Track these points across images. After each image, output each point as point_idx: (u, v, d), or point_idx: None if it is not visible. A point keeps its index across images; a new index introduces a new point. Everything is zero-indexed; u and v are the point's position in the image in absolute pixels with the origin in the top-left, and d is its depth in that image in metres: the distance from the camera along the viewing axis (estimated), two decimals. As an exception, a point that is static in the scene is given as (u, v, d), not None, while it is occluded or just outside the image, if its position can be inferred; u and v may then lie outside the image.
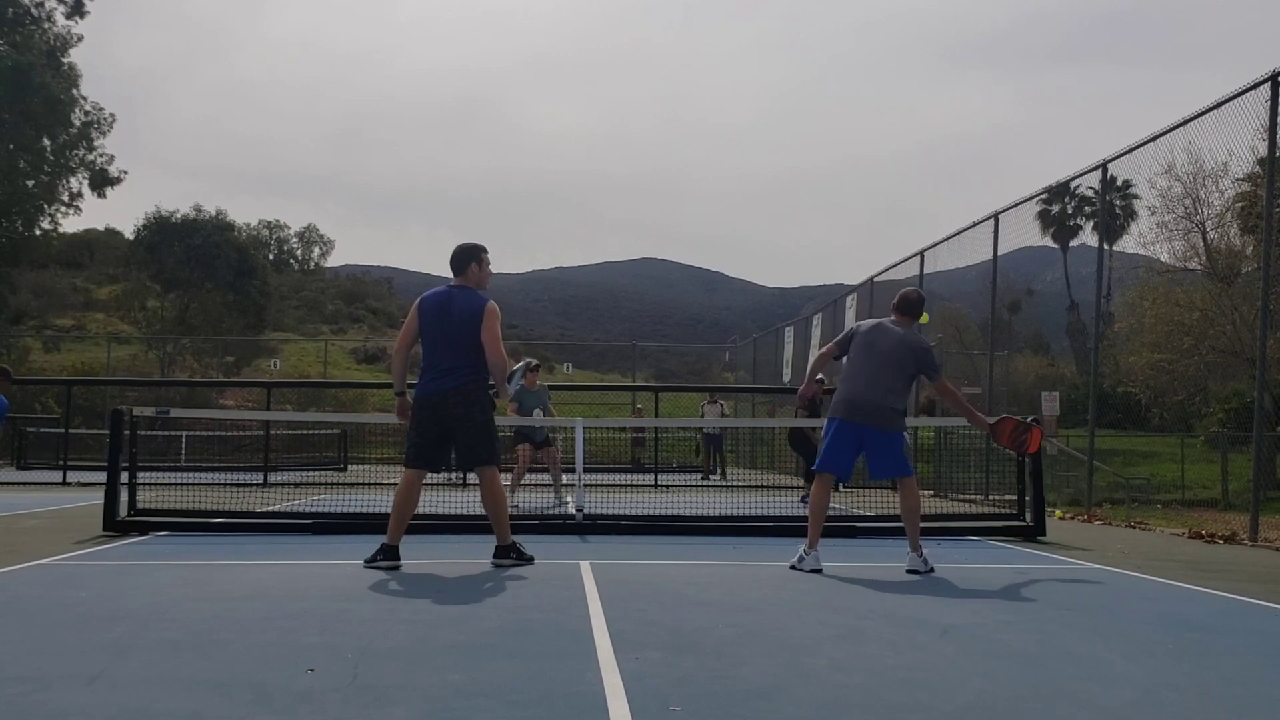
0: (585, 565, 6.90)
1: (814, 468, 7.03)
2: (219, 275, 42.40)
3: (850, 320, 21.98)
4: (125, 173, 42.34)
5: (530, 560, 6.97)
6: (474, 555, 7.56)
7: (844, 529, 9.87)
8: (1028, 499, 9.57)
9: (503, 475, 8.15)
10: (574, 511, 9.69)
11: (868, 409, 6.94)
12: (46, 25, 39.65)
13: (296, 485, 16.86)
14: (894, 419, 6.97)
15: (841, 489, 10.90)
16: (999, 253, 15.56)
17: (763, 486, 18.31)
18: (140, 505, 9.43)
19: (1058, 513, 12.31)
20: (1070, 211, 36.50)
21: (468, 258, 6.96)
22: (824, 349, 7.55)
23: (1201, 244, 17.66)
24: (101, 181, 42.44)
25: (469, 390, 6.74)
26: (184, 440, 26.37)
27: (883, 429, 6.94)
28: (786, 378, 27.57)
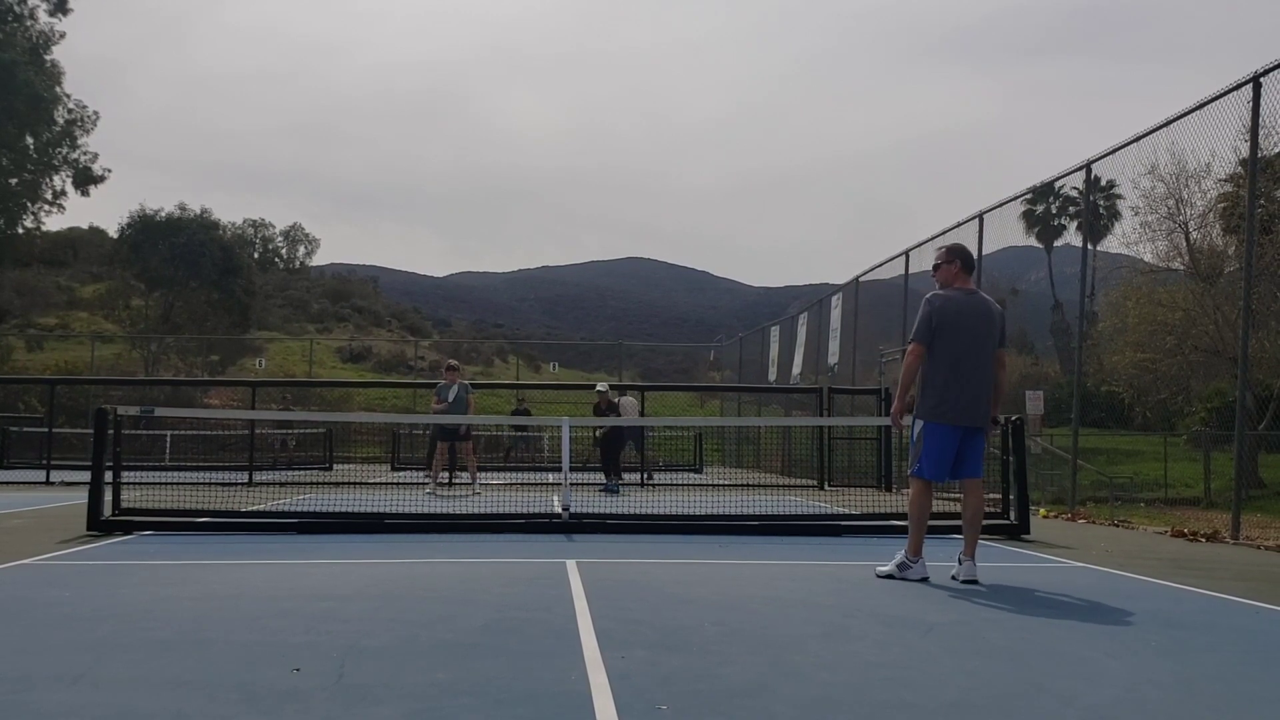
0: (571, 564, 6.89)
1: (918, 474, 6.48)
2: (204, 274, 42.17)
3: (836, 320, 22.01)
4: (109, 171, 42.25)
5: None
6: (460, 555, 7.57)
7: (829, 527, 9.91)
8: (1012, 498, 9.61)
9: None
10: (560, 510, 9.69)
11: (979, 409, 6.38)
12: (29, 23, 39.45)
13: (282, 485, 16.80)
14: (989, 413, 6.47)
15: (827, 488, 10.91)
16: (984, 252, 15.61)
17: (748, 485, 18.34)
18: (124, 505, 9.40)
19: (1042, 511, 12.36)
20: (1054, 211, 36.60)
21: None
22: (908, 357, 6.46)
23: (1184, 244, 17.76)
24: (85, 179, 42.29)
25: None
26: (168, 439, 26.26)
27: (983, 428, 6.45)
28: (772, 376, 27.62)
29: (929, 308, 6.40)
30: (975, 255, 15.66)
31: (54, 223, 60.10)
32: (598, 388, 16.63)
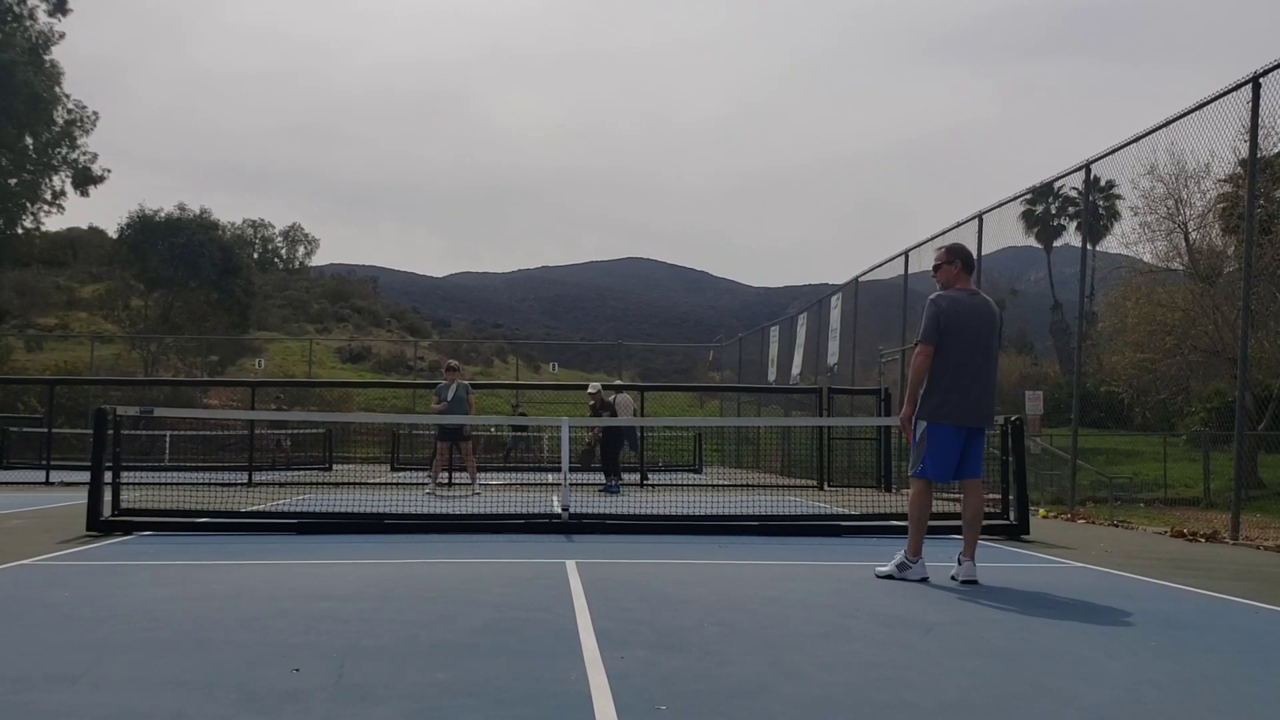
0: (571, 565, 6.89)
1: (920, 475, 6.44)
2: (203, 274, 42.17)
3: (835, 320, 22.01)
4: (109, 171, 42.32)
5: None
6: (460, 555, 7.57)
7: (828, 527, 9.91)
8: (1011, 498, 9.60)
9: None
10: (560, 510, 9.69)
11: (981, 410, 6.38)
12: (29, 23, 39.48)
13: (281, 485, 16.80)
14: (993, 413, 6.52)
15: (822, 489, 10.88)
16: (983, 252, 15.61)
17: (748, 485, 18.34)
18: (124, 505, 9.39)
19: (1041, 512, 12.36)
20: (1054, 212, 36.61)
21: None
22: (917, 358, 6.42)
23: (1184, 244, 17.79)
24: (85, 180, 42.34)
25: None
26: (168, 440, 26.27)
27: (984, 428, 6.48)
28: (772, 377, 27.62)
29: (935, 309, 6.36)
30: (975, 255, 15.68)
31: (53, 223, 60.17)
32: (590, 389, 16.45)
